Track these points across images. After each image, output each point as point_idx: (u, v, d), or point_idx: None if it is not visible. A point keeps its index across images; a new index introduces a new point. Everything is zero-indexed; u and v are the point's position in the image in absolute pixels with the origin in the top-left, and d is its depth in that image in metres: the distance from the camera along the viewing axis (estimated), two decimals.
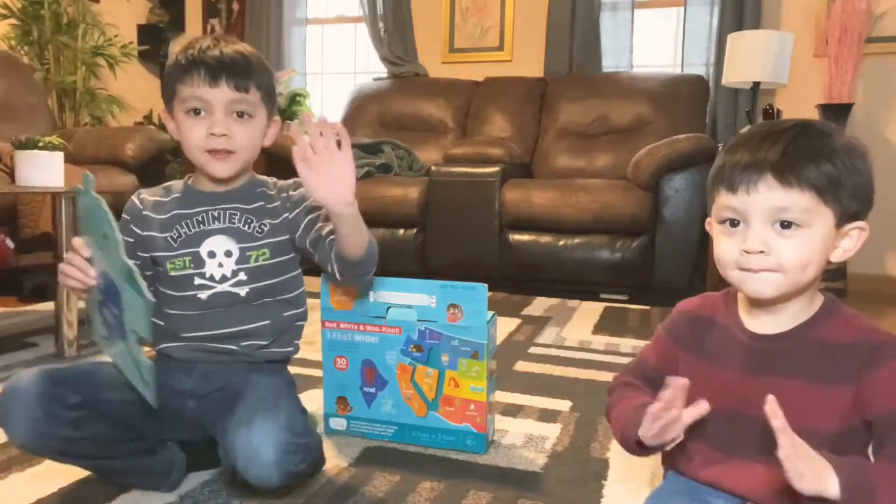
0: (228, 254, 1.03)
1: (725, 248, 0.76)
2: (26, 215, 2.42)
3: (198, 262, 1.03)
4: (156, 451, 1.02)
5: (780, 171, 0.71)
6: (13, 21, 3.66)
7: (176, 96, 1.00)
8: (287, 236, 1.07)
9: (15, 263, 2.17)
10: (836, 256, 0.76)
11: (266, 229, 1.05)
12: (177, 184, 1.10)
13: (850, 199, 0.73)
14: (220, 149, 0.99)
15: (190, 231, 1.04)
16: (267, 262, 1.05)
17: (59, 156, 1.86)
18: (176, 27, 4.50)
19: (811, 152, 0.72)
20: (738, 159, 0.74)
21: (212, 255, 1.03)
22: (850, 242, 0.76)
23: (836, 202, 0.72)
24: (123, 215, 1.06)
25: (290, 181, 1.10)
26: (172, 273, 1.04)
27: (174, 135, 1.04)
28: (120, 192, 2.74)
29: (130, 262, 0.85)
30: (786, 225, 0.72)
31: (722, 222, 0.77)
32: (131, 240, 1.04)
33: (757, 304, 0.79)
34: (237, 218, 1.05)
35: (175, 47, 1.04)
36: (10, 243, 2.23)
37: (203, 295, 1.03)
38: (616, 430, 0.86)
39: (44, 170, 1.81)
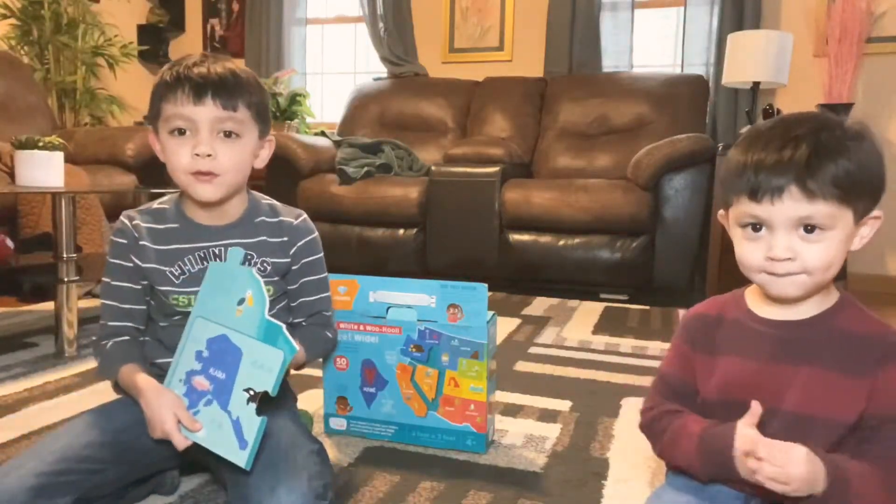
0: None
1: (750, 253, 0.77)
2: (26, 215, 2.42)
3: None
4: (148, 478, 1.00)
5: (804, 182, 0.72)
6: (13, 21, 3.66)
7: (160, 116, 0.95)
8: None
9: (15, 263, 2.17)
10: (855, 246, 0.77)
11: (269, 269, 1.02)
12: (168, 208, 1.03)
13: (868, 194, 0.75)
14: (206, 171, 0.93)
15: (193, 269, 1.00)
16: (270, 299, 1.02)
17: (58, 156, 1.86)
18: (176, 27, 4.50)
19: (831, 155, 0.72)
20: (759, 164, 0.74)
21: None
22: (867, 230, 0.77)
23: (856, 201, 0.74)
24: (118, 239, 1.00)
25: (294, 215, 1.06)
26: (177, 308, 1.00)
27: (160, 156, 0.99)
28: (120, 192, 2.74)
29: (278, 322, 0.85)
30: (809, 229, 0.73)
31: (744, 226, 0.77)
32: (130, 265, 0.99)
33: (777, 300, 0.80)
34: None
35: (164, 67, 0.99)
36: (9, 243, 2.23)
37: None
38: (690, 462, 0.82)
39: (44, 170, 1.81)
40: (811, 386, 0.76)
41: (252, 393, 0.85)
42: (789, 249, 0.73)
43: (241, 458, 0.84)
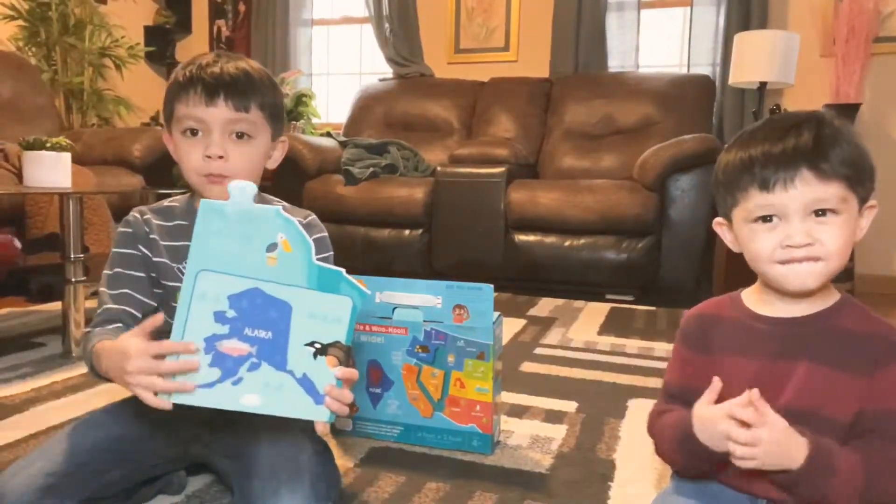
0: None
1: (764, 244, 0.76)
2: (34, 216, 2.43)
3: None
4: (155, 478, 0.99)
5: (815, 163, 0.72)
6: (21, 22, 3.67)
7: (174, 116, 0.94)
8: None
9: (22, 263, 2.18)
10: (856, 237, 0.77)
11: None
12: (178, 206, 1.02)
13: (867, 180, 0.75)
14: (217, 173, 0.93)
15: None
16: None
17: (66, 156, 1.87)
18: (182, 28, 4.52)
19: (834, 140, 0.73)
20: (766, 155, 0.74)
21: None
22: (865, 221, 0.77)
23: (860, 187, 0.74)
24: (126, 229, 0.99)
25: (303, 215, 1.04)
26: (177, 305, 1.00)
27: (174, 156, 0.98)
28: (127, 192, 2.75)
29: (333, 266, 0.77)
30: (821, 213, 0.73)
31: (755, 220, 0.76)
32: (137, 254, 0.98)
33: (782, 296, 0.79)
34: None
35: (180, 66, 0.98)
36: (17, 243, 2.24)
37: None
38: (672, 453, 0.83)
39: (51, 170, 1.82)
40: (810, 381, 0.75)
41: (319, 346, 0.77)
42: (808, 234, 0.73)
43: (320, 414, 0.78)
